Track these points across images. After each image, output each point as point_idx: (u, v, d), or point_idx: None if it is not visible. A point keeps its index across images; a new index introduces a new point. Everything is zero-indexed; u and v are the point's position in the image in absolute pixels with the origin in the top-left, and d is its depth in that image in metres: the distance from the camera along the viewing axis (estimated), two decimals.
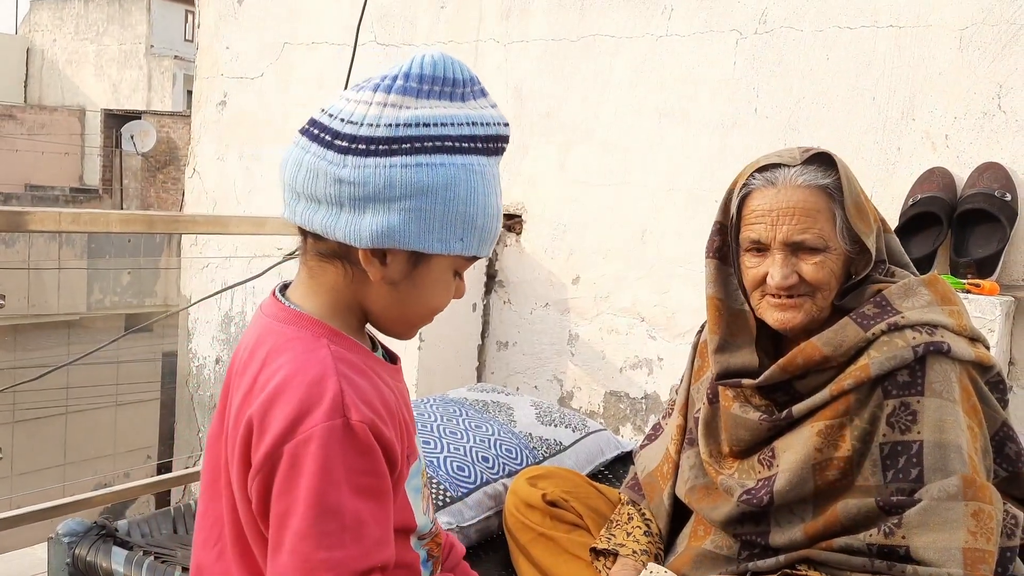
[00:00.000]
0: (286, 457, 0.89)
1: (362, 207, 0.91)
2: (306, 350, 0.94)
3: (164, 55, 17.52)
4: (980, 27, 2.16)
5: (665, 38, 2.64)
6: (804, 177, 1.30)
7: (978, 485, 1.21)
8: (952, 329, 1.28)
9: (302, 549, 0.88)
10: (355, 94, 0.94)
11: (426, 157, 0.91)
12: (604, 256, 2.79)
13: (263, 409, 0.91)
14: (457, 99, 0.94)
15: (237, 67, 3.72)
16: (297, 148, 0.96)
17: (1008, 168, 2.12)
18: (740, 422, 1.37)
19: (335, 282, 0.98)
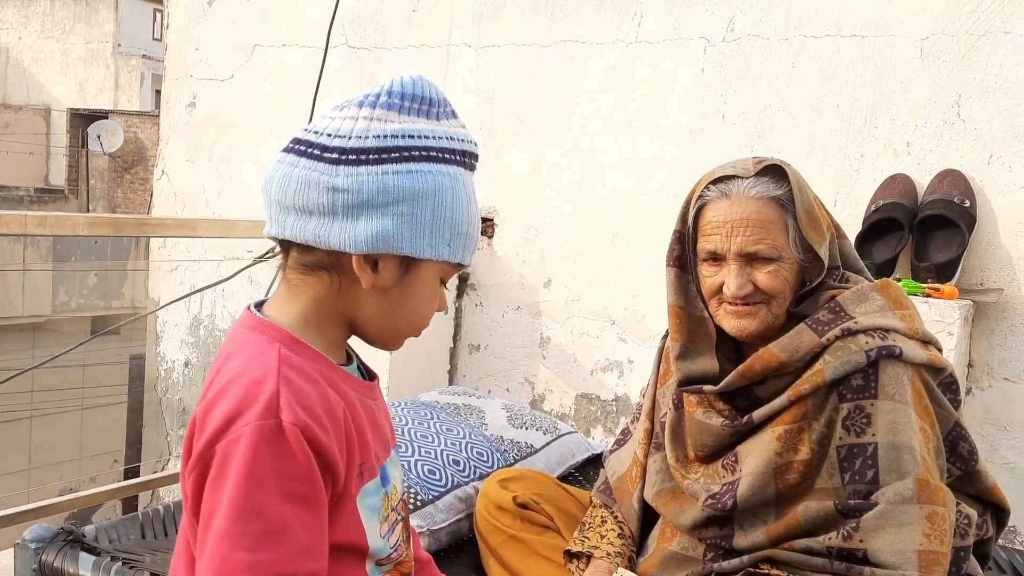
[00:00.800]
0: (218, 455, 0.89)
1: (356, 213, 0.94)
2: (256, 353, 0.95)
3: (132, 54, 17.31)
4: (940, 37, 2.21)
5: (635, 44, 2.67)
6: (757, 189, 1.33)
7: (932, 488, 1.24)
8: (904, 333, 1.32)
9: (220, 549, 0.87)
10: (339, 112, 0.98)
11: (415, 165, 0.95)
12: (575, 260, 2.81)
13: (206, 408, 0.93)
14: (433, 118, 0.99)
15: (207, 68, 3.70)
16: (284, 164, 0.98)
17: (967, 175, 2.17)
18: (703, 428, 1.40)
19: (317, 294, 0.99)
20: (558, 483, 1.72)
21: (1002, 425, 2.18)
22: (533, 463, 1.97)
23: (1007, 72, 2.14)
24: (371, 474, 1.02)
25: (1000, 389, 2.18)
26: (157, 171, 3.97)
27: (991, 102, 2.16)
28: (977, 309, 2.16)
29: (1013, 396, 2.16)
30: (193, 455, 0.92)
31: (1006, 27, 2.13)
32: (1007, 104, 2.14)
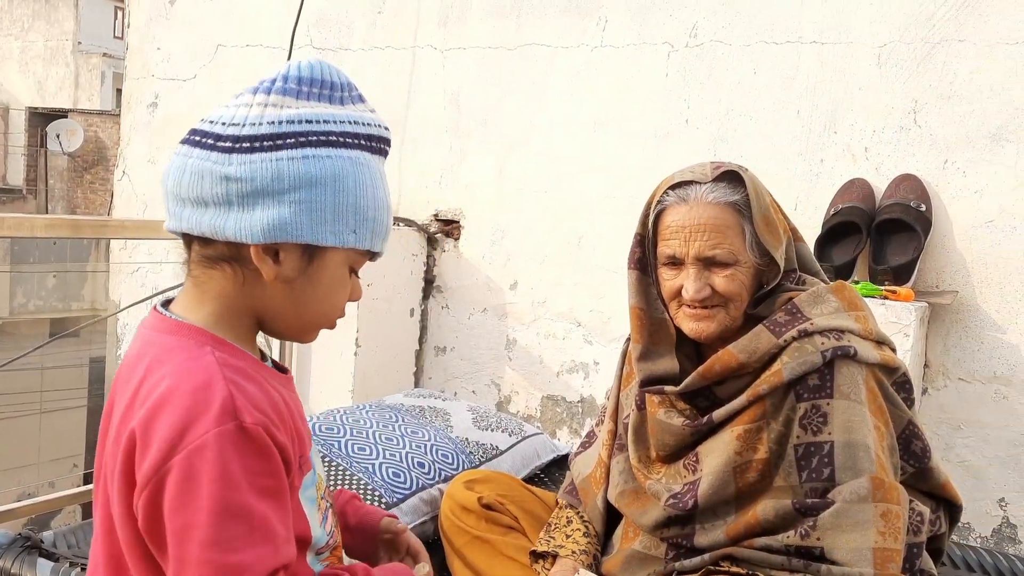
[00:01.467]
0: (177, 469, 0.86)
1: (251, 203, 0.91)
2: (189, 358, 0.92)
3: (92, 52, 17.06)
4: (897, 45, 2.26)
5: (600, 49, 2.69)
6: (714, 194, 1.36)
7: (887, 486, 1.27)
8: (858, 334, 1.35)
9: (213, 557, 0.86)
10: (235, 100, 0.95)
11: (312, 150, 0.92)
12: (541, 262, 2.83)
13: (145, 421, 0.88)
14: (336, 102, 0.96)
15: (169, 68, 3.66)
16: (179, 156, 0.95)
17: (923, 180, 2.22)
18: (665, 427, 1.42)
19: (223, 288, 0.97)
20: (523, 484, 1.74)
21: (956, 424, 2.23)
22: (499, 465, 1.97)
23: (961, 79, 2.19)
24: (308, 466, 1.02)
25: (955, 389, 2.23)
26: (118, 171, 3.92)
27: (946, 109, 2.21)
28: (932, 311, 2.21)
29: (967, 396, 2.21)
30: (144, 472, 0.88)
31: (960, 35, 2.19)
32: (961, 111, 2.19)
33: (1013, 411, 2.16)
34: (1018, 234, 2.14)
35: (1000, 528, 2.21)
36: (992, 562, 1.94)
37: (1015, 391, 2.16)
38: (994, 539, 2.21)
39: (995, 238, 2.17)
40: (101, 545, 0.97)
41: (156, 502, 0.87)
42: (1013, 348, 2.16)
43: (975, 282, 2.19)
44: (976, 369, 2.20)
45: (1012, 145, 2.14)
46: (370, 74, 3.13)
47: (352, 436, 1.88)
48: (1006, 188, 2.15)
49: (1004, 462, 2.19)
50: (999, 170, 2.16)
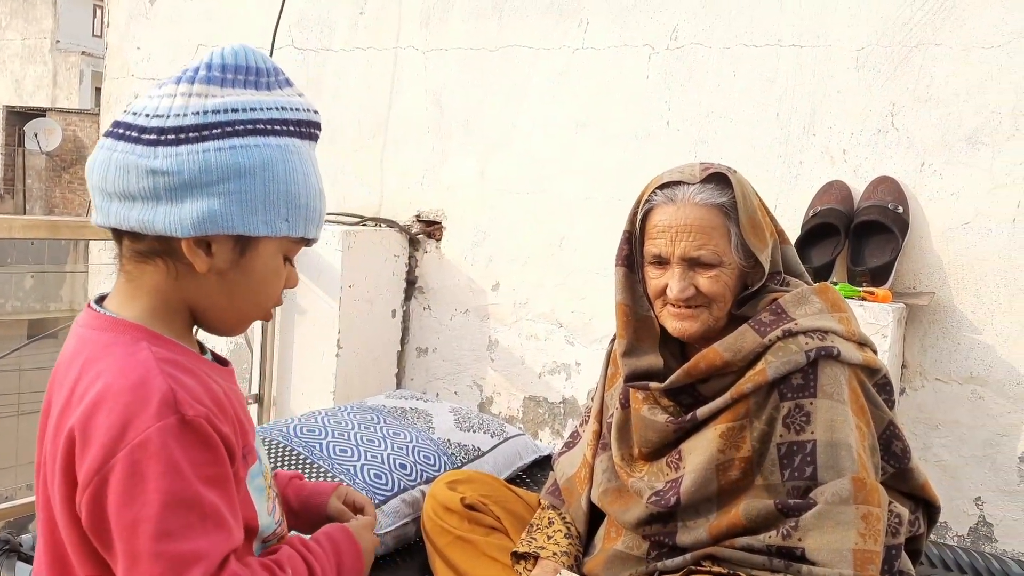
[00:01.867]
0: (121, 466, 0.86)
1: (180, 196, 0.90)
2: (125, 354, 0.91)
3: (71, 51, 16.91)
4: (875, 48, 2.28)
5: (581, 50, 2.70)
6: (701, 196, 1.37)
7: (868, 488, 1.28)
8: (841, 335, 1.36)
9: (166, 548, 0.86)
10: (158, 90, 0.94)
11: (240, 140, 0.91)
12: (523, 263, 2.83)
13: (84, 419, 0.88)
14: (263, 88, 0.95)
15: (149, 68, 3.64)
16: (103, 150, 0.93)
17: (900, 182, 2.24)
18: (648, 424, 1.43)
19: (157, 283, 0.96)
20: (506, 485, 1.74)
21: (934, 424, 2.26)
22: (481, 466, 1.98)
23: (938, 83, 2.22)
24: (253, 456, 1.02)
25: (932, 389, 2.25)
26: None
27: (923, 112, 2.24)
28: (910, 312, 2.23)
29: (944, 396, 2.24)
30: (85, 471, 0.87)
31: (936, 39, 2.21)
32: (938, 114, 2.22)
33: (989, 411, 2.19)
34: (993, 236, 2.17)
35: (977, 527, 2.23)
36: (969, 560, 1.96)
37: (991, 391, 2.19)
38: (971, 538, 2.24)
39: (971, 240, 2.19)
40: (45, 546, 0.96)
41: (100, 500, 0.87)
42: (989, 349, 2.19)
43: (952, 283, 2.22)
44: (953, 369, 2.23)
45: (988, 148, 2.17)
46: (352, 75, 3.12)
47: (333, 438, 1.88)
48: (982, 190, 2.18)
49: (980, 461, 2.21)
50: (975, 172, 2.18)
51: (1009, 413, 2.17)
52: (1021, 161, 2.13)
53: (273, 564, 0.99)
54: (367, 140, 3.11)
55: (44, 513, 0.95)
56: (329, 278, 2.77)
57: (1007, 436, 2.18)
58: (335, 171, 3.14)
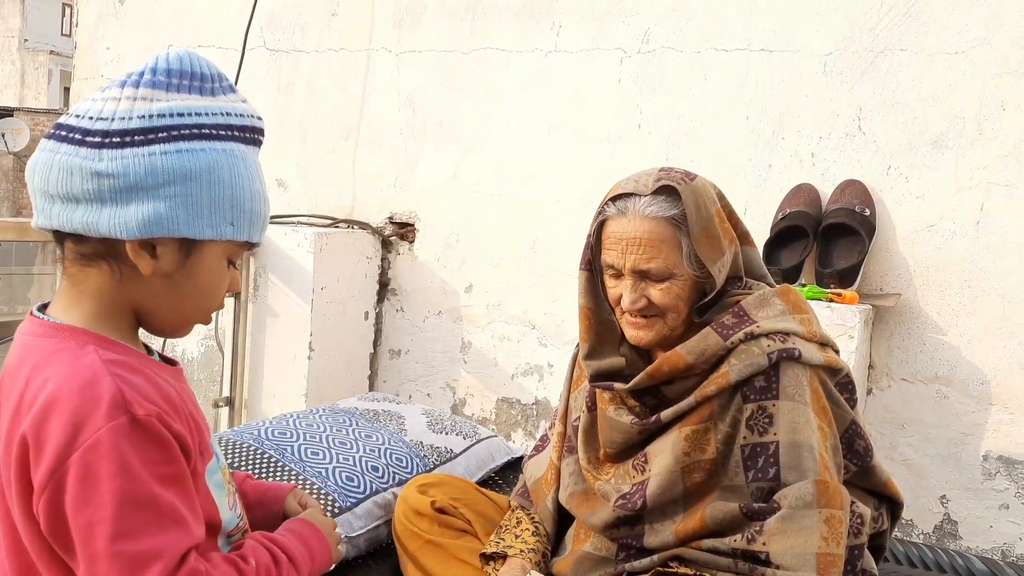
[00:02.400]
0: (75, 468, 0.86)
1: (125, 198, 0.90)
2: (72, 359, 0.92)
3: (39, 50, 16.69)
4: (842, 53, 2.32)
5: (554, 53, 2.71)
6: (651, 208, 1.37)
7: (831, 491, 1.30)
8: (803, 336, 1.38)
9: (124, 548, 0.86)
10: (101, 93, 0.94)
11: (185, 144, 0.92)
12: (496, 265, 2.84)
13: (36, 425, 0.88)
14: (207, 93, 0.96)
15: (119, 68, 3.60)
16: (45, 152, 0.93)
17: (867, 185, 2.27)
18: (614, 425, 1.45)
19: (100, 285, 0.96)
20: (477, 488, 1.74)
21: (900, 424, 2.29)
22: (453, 468, 1.98)
23: (904, 87, 2.25)
24: (209, 453, 1.03)
25: (898, 389, 2.29)
26: None
27: (889, 116, 2.27)
28: (877, 313, 2.27)
29: (910, 396, 2.27)
30: (40, 476, 0.87)
31: (902, 44, 2.25)
32: (904, 118, 2.25)
33: (953, 410, 2.23)
34: (958, 238, 2.21)
35: (942, 524, 2.27)
36: (934, 558, 1.99)
37: (955, 391, 2.23)
38: (936, 535, 2.27)
39: (936, 242, 2.23)
40: (8, 553, 0.95)
41: (57, 504, 0.87)
42: (953, 349, 2.23)
43: (917, 285, 2.25)
44: (918, 370, 2.26)
45: (952, 152, 2.20)
46: (324, 76, 3.11)
47: (305, 440, 1.87)
48: (946, 193, 2.22)
49: (945, 460, 2.25)
50: (940, 176, 2.22)
51: (973, 412, 2.21)
52: (984, 165, 2.17)
53: (237, 558, 1.00)
54: (339, 142, 3.11)
55: (4, 521, 0.95)
56: (301, 280, 2.76)
57: (971, 435, 2.22)
58: (307, 173, 3.13)
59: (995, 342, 2.18)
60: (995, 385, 2.18)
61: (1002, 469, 2.19)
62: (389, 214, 3.02)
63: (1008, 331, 2.17)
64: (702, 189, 1.40)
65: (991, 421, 2.20)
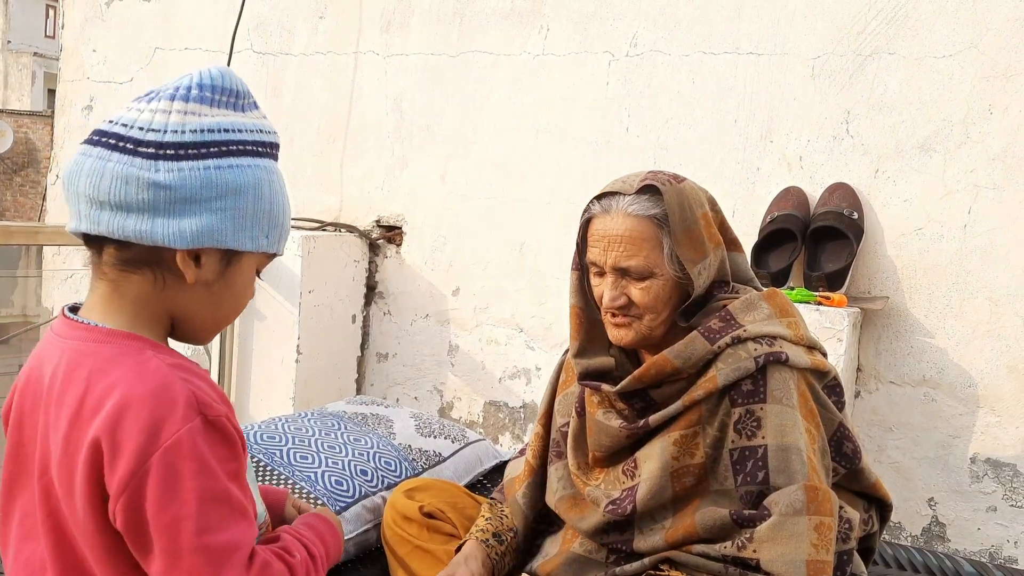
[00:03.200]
0: (156, 468, 0.89)
1: (180, 209, 0.94)
2: (137, 364, 0.94)
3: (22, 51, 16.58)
4: (830, 57, 2.32)
5: (542, 57, 2.71)
6: (634, 207, 1.38)
7: (820, 498, 1.30)
8: (790, 339, 1.38)
9: (207, 541, 0.91)
10: (147, 104, 0.97)
11: (235, 159, 0.96)
12: (484, 268, 2.83)
13: (111, 428, 0.90)
14: (239, 109, 1.00)
15: (105, 71, 3.58)
16: (91, 159, 0.95)
17: (855, 188, 2.28)
18: (602, 428, 1.45)
19: (142, 291, 0.99)
20: (465, 491, 1.74)
21: (888, 426, 2.30)
22: (441, 471, 1.97)
23: (891, 91, 2.26)
24: (247, 449, 1.06)
25: (886, 392, 2.29)
26: (51, 175, 3.82)
27: (877, 119, 2.28)
28: (865, 316, 2.27)
29: (897, 399, 2.28)
30: (116, 479, 0.90)
31: (890, 48, 2.26)
32: (891, 121, 2.26)
33: (941, 413, 2.24)
34: (945, 241, 2.21)
35: (930, 527, 2.28)
36: (922, 560, 2.00)
37: (943, 394, 2.23)
38: (924, 538, 2.28)
39: (924, 245, 2.24)
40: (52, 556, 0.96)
41: (138, 503, 0.90)
42: (941, 352, 2.23)
43: (905, 288, 2.26)
44: (906, 372, 2.27)
45: (939, 155, 2.21)
46: (312, 79, 3.10)
47: (294, 444, 1.86)
48: (934, 197, 2.23)
49: (933, 463, 2.26)
50: (927, 179, 2.23)
51: (961, 415, 2.22)
52: (972, 168, 2.18)
53: (282, 551, 1.05)
54: (327, 145, 3.09)
55: (48, 523, 0.96)
56: (289, 284, 2.75)
57: (959, 438, 2.23)
58: (295, 176, 3.11)
59: (982, 345, 2.19)
60: (982, 388, 2.19)
61: (989, 472, 2.20)
62: (376, 217, 3.01)
63: (995, 334, 2.18)
64: (688, 191, 1.41)
65: (979, 424, 2.21)
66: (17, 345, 7.39)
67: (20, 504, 1.00)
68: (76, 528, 0.94)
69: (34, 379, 1.00)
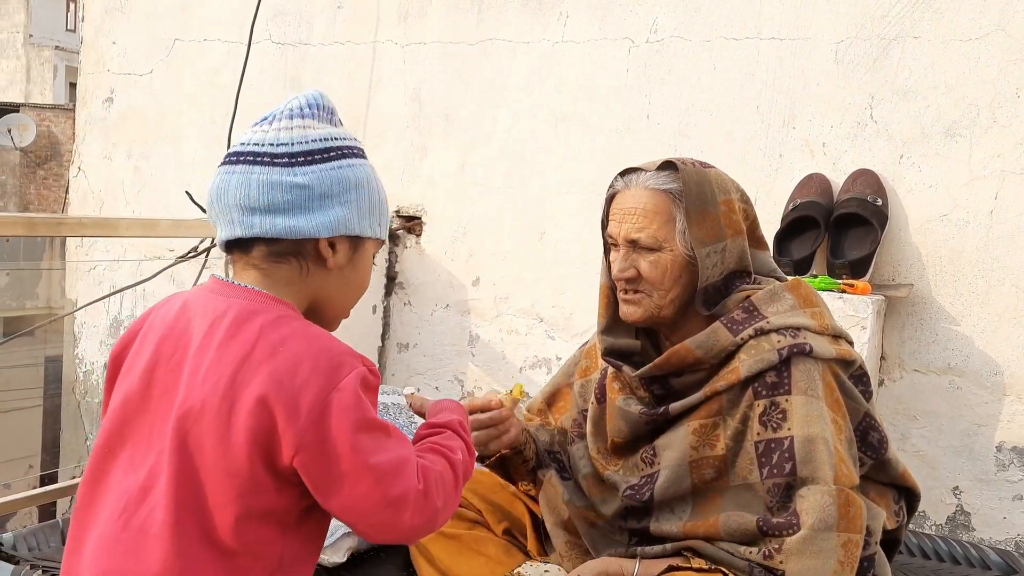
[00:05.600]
0: (336, 404, 1.02)
1: (319, 204, 1.10)
2: (304, 326, 1.09)
3: (44, 45, 16.71)
4: (854, 41, 2.29)
5: (561, 44, 2.70)
6: (651, 181, 1.40)
7: (852, 514, 1.29)
8: (814, 330, 1.37)
9: (380, 461, 1.04)
10: (269, 126, 1.13)
11: (350, 160, 1.14)
12: (503, 258, 2.83)
13: (289, 374, 1.02)
14: (335, 124, 1.18)
15: (125, 63, 3.60)
16: (235, 175, 1.10)
17: (879, 175, 2.25)
18: (622, 414, 1.46)
19: (290, 278, 1.13)
20: (487, 472, 1.72)
21: (912, 415, 2.27)
22: None
23: (916, 75, 2.23)
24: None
25: (911, 381, 2.27)
26: (73, 168, 3.85)
27: (901, 104, 2.25)
28: (889, 304, 2.25)
29: (922, 387, 2.26)
30: (302, 415, 1.01)
31: (915, 32, 2.22)
32: (916, 106, 2.23)
33: (966, 401, 2.21)
34: (971, 228, 2.18)
35: (954, 516, 2.25)
36: (947, 549, 1.98)
37: (968, 382, 2.21)
38: (948, 527, 2.26)
39: (949, 232, 2.21)
40: (171, 492, 1.03)
41: (321, 436, 1.01)
42: (966, 340, 2.21)
43: (930, 275, 2.23)
44: (931, 360, 2.24)
45: (965, 140, 2.18)
46: (330, 69, 3.10)
47: None
48: (960, 183, 2.19)
49: (958, 451, 2.23)
50: (953, 165, 2.20)
51: (986, 403, 2.19)
52: (998, 153, 2.15)
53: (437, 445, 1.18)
54: None
55: (176, 456, 1.04)
56: None
57: (985, 426, 2.20)
58: None
59: (1009, 332, 2.16)
60: (1009, 375, 2.16)
61: (1016, 460, 2.18)
62: (396, 207, 3.01)
63: (1022, 321, 2.14)
64: (713, 176, 1.41)
65: (1005, 412, 2.18)
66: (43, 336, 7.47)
67: (132, 443, 1.09)
68: (219, 459, 1.02)
69: (180, 329, 1.10)
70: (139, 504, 1.05)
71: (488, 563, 1.53)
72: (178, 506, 1.03)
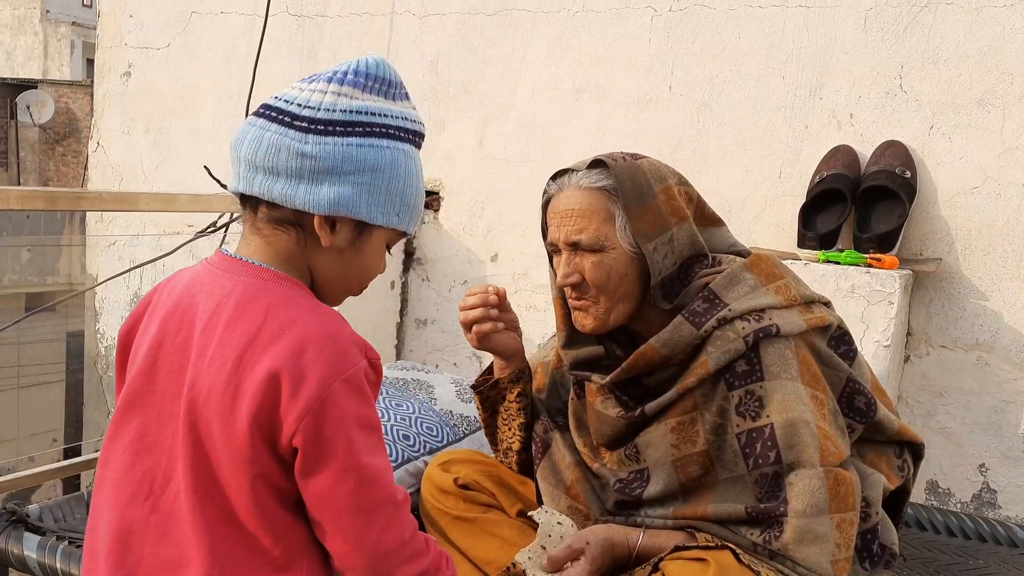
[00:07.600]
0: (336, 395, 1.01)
1: (320, 179, 1.05)
2: (312, 307, 1.07)
3: (61, 21, 16.72)
4: (883, 8, 2.23)
5: (581, 13, 2.65)
6: (584, 180, 1.36)
7: (843, 493, 1.27)
8: (779, 306, 1.34)
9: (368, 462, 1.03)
10: (308, 85, 1.08)
11: (376, 140, 1.06)
12: (522, 233, 2.80)
13: (294, 358, 1.01)
14: (390, 98, 1.11)
15: (142, 36, 3.57)
16: (255, 128, 1.07)
17: (908, 146, 2.20)
18: (602, 418, 1.44)
19: (288, 247, 1.10)
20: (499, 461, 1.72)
21: (938, 391, 2.24)
22: (482, 436, 1.96)
23: (947, 43, 2.17)
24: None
25: (937, 356, 2.23)
26: (92, 143, 3.84)
27: (932, 73, 2.19)
28: (916, 279, 2.21)
29: (949, 363, 2.22)
30: (302, 400, 1.00)
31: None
32: (947, 75, 2.18)
33: (995, 378, 2.17)
34: (1003, 201, 2.14)
35: (980, 493, 2.23)
36: (973, 527, 1.96)
37: (997, 358, 2.17)
38: (974, 504, 2.23)
39: (979, 205, 2.16)
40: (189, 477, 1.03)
41: (318, 425, 1.00)
42: (995, 315, 2.17)
43: (959, 249, 2.19)
44: (958, 336, 2.21)
45: (998, 110, 2.13)
46: (348, 41, 3.07)
47: None
48: (991, 154, 2.14)
49: (985, 428, 2.20)
50: (985, 136, 2.15)
51: (1015, 380, 2.15)
52: None
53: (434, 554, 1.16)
54: None
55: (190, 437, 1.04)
56: None
57: (1013, 403, 2.17)
58: None
59: None
60: None
61: None
62: None
63: None
64: (646, 166, 1.37)
65: None
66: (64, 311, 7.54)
67: (140, 421, 1.08)
68: (226, 442, 1.02)
69: (185, 306, 1.08)
70: (164, 488, 1.06)
71: (504, 545, 1.52)
72: (197, 491, 1.03)
